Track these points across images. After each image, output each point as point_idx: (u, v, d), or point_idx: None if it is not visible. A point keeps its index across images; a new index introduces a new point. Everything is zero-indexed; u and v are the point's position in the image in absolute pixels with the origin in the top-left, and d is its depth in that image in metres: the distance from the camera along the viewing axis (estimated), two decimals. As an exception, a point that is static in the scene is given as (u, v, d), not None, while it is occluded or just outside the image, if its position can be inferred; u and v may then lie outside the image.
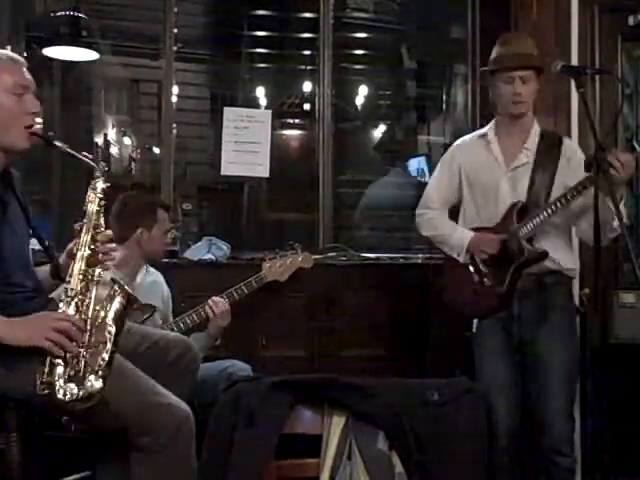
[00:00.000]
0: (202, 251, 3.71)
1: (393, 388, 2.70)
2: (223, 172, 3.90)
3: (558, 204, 2.74)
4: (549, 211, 2.76)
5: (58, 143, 2.23)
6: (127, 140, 7.59)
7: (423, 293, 3.73)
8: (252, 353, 3.51)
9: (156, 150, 6.63)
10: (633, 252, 2.24)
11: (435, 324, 3.67)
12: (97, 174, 2.26)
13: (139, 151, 7.45)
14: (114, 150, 7.42)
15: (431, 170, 3.62)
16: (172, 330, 3.11)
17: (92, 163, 2.26)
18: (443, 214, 3.09)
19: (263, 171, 3.90)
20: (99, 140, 7.18)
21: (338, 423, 2.60)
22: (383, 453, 2.57)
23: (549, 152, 2.87)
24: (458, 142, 3.11)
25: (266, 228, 6.89)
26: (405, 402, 2.63)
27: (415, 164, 6.72)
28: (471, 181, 3.00)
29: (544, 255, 2.80)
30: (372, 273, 3.85)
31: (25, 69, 2.23)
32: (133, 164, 7.44)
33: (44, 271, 2.37)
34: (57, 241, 2.46)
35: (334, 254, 3.89)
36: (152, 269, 3.28)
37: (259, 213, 7.04)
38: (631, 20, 3.82)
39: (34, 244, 2.40)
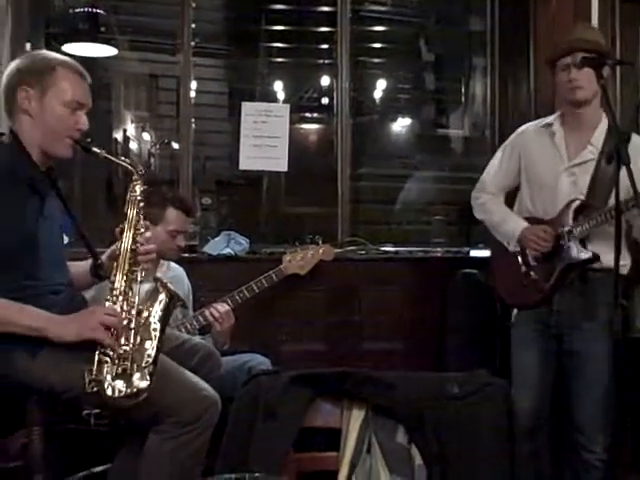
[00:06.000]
0: (221, 246, 3.72)
1: (413, 382, 2.70)
2: (242, 166, 3.90)
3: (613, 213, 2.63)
4: (604, 217, 2.66)
5: (96, 149, 2.26)
6: (146, 135, 7.63)
7: (442, 286, 3.72)
8: (272, 347, 3.52)
9: (175, 145, 6.63)
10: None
11: (454, 318, 3.66)
12: (135, 177, 2.30)
13: (158, 146, 7.47)
14: (133, 145, 7.46)
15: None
16: (189, 326, 3.12)
17: (130, 167, 2.30)
18: (497, 199, 3.05)
19: (282, 165, 3.91)
20: (118, 136, 7.21)
21: (357, 417, 2.60)
22: (402, 446, 2.57)
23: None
24: (522, 128, 3.03)
25: (285, 222, 6.88)
26: (425, 396, 2.63)
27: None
28: (530, 170, 2.94)
29: (595, 259, 2.72)
30: (391, 267, 3.85)
31: (87, 86, 2.27)
32: (152, 159, 7.47)
33: (82, 266, 2.41)
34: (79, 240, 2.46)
35: (353, 248, 3.89)
36: (174, 265, 3.27)
37: (278, 207, 7.03)
38: (652, 10, 3.79)
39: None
